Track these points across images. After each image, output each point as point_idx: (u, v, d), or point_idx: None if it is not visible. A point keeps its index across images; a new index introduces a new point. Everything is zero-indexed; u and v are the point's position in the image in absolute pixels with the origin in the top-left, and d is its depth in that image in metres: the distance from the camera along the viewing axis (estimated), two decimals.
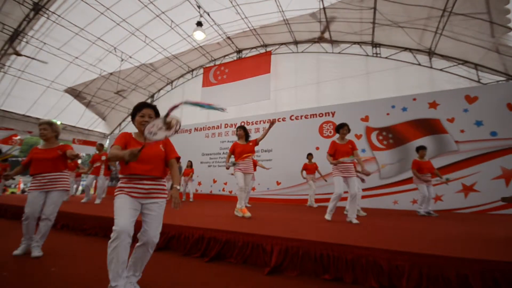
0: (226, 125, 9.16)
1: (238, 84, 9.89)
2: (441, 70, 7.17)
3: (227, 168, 4.25)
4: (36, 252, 2.40)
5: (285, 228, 2.88)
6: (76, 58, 9.40)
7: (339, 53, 8.60)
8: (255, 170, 5.12)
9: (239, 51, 10.61)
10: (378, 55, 8.04)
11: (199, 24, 7.87)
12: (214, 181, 8.89)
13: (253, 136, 4.36)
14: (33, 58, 8.47)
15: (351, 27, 7.79)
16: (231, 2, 7.67)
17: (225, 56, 10.96)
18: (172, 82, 12.25)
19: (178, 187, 1.71)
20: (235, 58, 10.65)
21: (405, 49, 7.68)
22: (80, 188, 10.92)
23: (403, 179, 6.20)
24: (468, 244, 2.26)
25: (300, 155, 7.42)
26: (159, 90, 12.58)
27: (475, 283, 1.64)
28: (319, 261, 2.04)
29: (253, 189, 7.33)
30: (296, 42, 9.38)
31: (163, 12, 8.14)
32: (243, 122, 8.78)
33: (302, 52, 9.29)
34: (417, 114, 6.41)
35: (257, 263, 2.30)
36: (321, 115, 7.59)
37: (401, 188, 6.17)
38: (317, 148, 7.29)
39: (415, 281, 1.78)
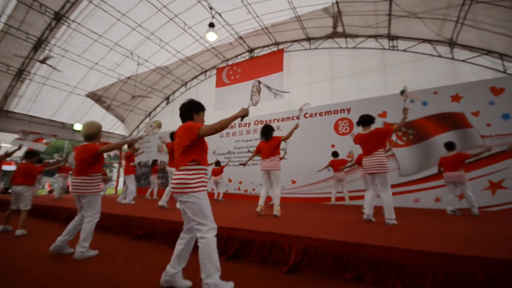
0: (240, 125, 9.20)
1: (251, 83, 9.87)
2: (463, 61, 6.81)
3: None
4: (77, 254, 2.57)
5: (302, 227, 2.86)
6: (96, 64, 9.79)
7: (353, 47, 8.39)
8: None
9: (251, 50, 10.62)
10: (395, 48, 7.76)
11: (211, 25, 7.94)
12: (230, 181, 8.96)
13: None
14: (50, 66, 8.87)
15: (366, 20, 7.57)
16: (242, 2, 7.68)
17: (237, 56, 11.01)
18: (186, 83, 12.47)
19: None
20: (247, 58, 10.67)
21: (424, 40, 7.36)
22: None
23: (424, 176, 5.96)
24: (496, 243, 2.15)
25: (315, 153, 7.33)
26: (173, 92, 12.85)
27: (505, 284, 1.56)
28: (339, 260, 2.01)
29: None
30: (308, 39, 9.24)
31: (176, 15, 8.30)
32: (257, 121, 8.79)
33: (315, 48, 9.14)
34: (439, 108, 6.13)
35: (275, 262, 2.31)
36: (336, 112, 7.44)
37: (423, 186, 5.93)
38: (333, 146, 7.16)
39: (441, 282, 1.71)
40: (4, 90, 9.38)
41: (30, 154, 3.88)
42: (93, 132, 2.69)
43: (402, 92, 3.71)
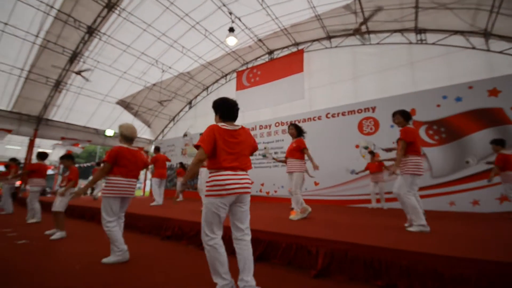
0: (261, 127, 9.23)
1: (271, 85, 9.92)
2: (500, 52, 6.27)
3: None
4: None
5: (328, 230, 2.80)
6: (124, 73, 10.39)
7: (377, 43, 8.08)
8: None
9: (270, 52, 10.64)
10: (424, 42, 7.35)
11: (231, 30, 8.09)
12: (251, 182, 9.02)
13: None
14: (83, 77, 9.54)
15: (391, 14, 7.26)
16: (261, 5, 7.74)
17: (257, 58, 11.09)
18: (207, 88, 12.79)
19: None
20: (266, 60, 10.70)
21: (455, 32, 6.89)
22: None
23: (460, 177, 5.55)
24: None
25: (338, 154, 7.14)
26: (196, 97, 13.23)
27: None
28: (370, 266, 1.94)
29: (289, 189, 7.24)
30: (329, 37, 9.06)
31: (197, 23, 8.57)
32: (278, 123, 8.77)
33: (336, 47, 8.94)
34: (474, 103, 5.69)
35: (302, 265, 2.27)
36: (360, 111, 7.20)
37: (458, 187, 5.52)
38: (357, 146, 6.93)
39: None
40: (44, 100, 10.27)
41: (67, 157, 4.05)
42: (136, 135, 2.79)
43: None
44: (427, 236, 2.59)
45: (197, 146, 1.72)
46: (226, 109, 1.91)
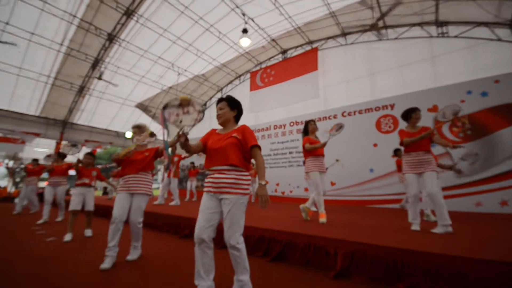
0: (276, 126, 9.22)
1: (285, 84, 9.88)
2: None
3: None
4: (131, 255, 2.53)
5: (347, 231, 2.76)
6: (143, 77, 10.75)
7: (395, 38, 7.81)
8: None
9: (284, 52, 10.60)
10: (445, 35, 7.03)
11: (245, 31, 8.14)
12: (266, 182, 9.02)
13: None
14: (107, 81, 9.98)
15: (409, 7, 7.00)
16: (274, 4, 7.73)
17: (270, 58, 11.08)
18: (221, 89, 12.95)
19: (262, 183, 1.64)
20: (280, 59, 10.67)
21: (479, 24, 6.53)
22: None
23: (487, 176, 5.25)
24: None
25: (355, 154, 6.99)
26: (210, 98, 13.44)
27: None
28: (392, 267, 1.90)
29: (306, 189, 7.19)
30: (344, 34, 8.89)
31: (211, 25, 8.70)
32: (292, 122, 8.72)
33: (351, 43, 8.75)
34: (502, 98, 5.36)
35: (320, 266, 2.26)
36: (377, 108, 7.00)
37: (486, 187, 5.23)
38: (375, 145, 6.75)
39: None
40: (69, 105, 10.85)
41: (90, 154, 4.09)
42: None
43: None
44: (451, 238, 2.48)
45: (257, 146, 1.69)
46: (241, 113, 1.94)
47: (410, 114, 3.21)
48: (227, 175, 1.64)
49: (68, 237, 3.38)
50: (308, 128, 3.88)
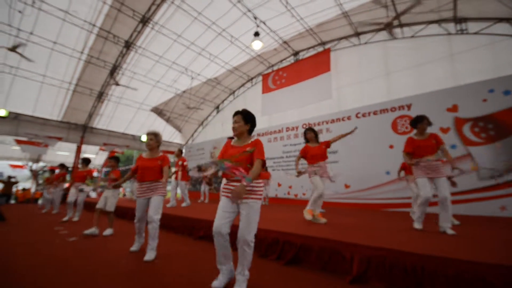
0: (288, 129, 9.18)
1: (297, 86, 9.83)
2: None
3: (298, 177, 4.07)
4: (147, 256, 2.59)
5: (364, 235, 2.70)
6: (158, 81, 11.06)
7: (411, 37, 7.61)
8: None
9: (296, 53, 10.57)
10: (464, 32, 6.77)
11: (257, 34, 8.20)
12: (279, 185, 8.99)
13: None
14: (125, 86, 10.33)
15: (426, 4, 6.80)
16: (286, 7, 7.74)
17: (282, 60, 11.08)
18: (234, 92, 13.07)
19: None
20: (292, 61, 10.65)
21: (500, 19, 6.24)
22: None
23: None
24: None
25: (370, 156, 6.83)
26: (223, 101, 13.59)
27: None
28: (412, 273, 1.84)
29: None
30: (357, 34, 8.75)
31: (224, 30, 8.84)
32: (305, 124, 8.65)
33: (365, 43, 8.60)
34: None
35: (336, 270, 2.22)
36: (393, 109, 6.82)
37: (511, 190, 4.96)
38: (391, 147, 6.57)
39: None
40: (89, 110, 11.31)
41: (114, 158, 4.37)
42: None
43: None
44: (474, 243, 2.37)
45: (262, 160, 1.89)
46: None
47: (417, 124, 3.30)
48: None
49: (108, 231, 3.95)
50: (307, 137, 4.10)
